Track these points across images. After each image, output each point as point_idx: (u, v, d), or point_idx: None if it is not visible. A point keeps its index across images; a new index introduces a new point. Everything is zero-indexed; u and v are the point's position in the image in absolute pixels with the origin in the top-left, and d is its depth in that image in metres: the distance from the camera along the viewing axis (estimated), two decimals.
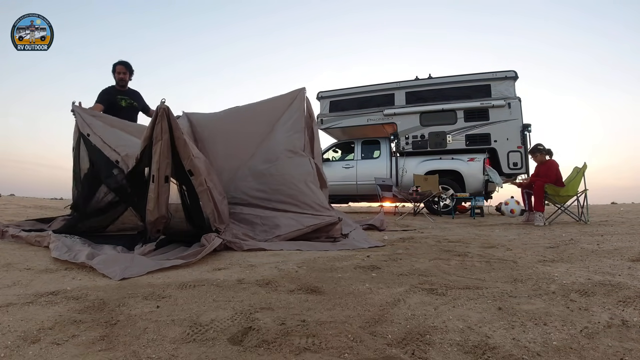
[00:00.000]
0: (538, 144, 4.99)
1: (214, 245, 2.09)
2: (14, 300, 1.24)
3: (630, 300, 1.21)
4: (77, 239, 2.30)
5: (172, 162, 2.27)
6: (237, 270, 1.76)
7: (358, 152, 7.85)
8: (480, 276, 1.61)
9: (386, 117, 7.63)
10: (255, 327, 0.98)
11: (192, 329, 0.97)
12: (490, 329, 0.98)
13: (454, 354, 0.84)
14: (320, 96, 8.24)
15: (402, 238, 3.11)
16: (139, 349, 0.85)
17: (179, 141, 2.24)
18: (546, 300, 1.24)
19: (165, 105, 2.21)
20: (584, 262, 1.92)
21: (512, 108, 6.96)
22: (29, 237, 2.41)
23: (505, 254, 2.20)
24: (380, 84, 7.93)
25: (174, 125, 2.22)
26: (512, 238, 3.11)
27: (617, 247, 2.46)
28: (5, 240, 2.55)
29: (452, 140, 7.28)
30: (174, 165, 2.28)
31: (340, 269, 1.77)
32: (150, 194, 2.19)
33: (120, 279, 1.55)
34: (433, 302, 1.22)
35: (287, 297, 1.28)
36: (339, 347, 0.86)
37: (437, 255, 2.16)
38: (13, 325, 1.00)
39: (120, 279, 1.55)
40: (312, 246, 2.48)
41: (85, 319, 1.05)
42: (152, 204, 2.20)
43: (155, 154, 2.20)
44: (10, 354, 0.83)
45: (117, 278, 1.55)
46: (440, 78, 7.58)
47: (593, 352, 0.84)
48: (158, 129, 2.19)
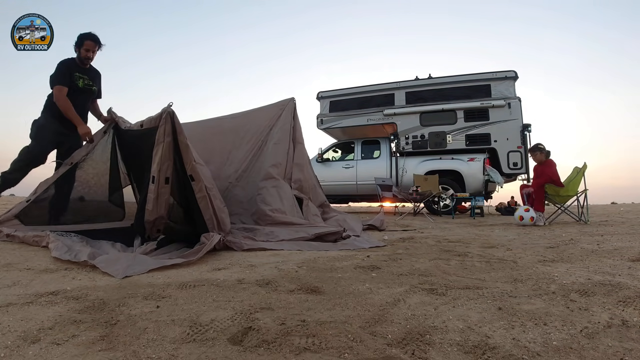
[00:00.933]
0: (538, 143, 4.98)
1: (213, 242, 2.10)
2: (14, 300, 1.24)
3: (630, 300, 1.21)
4: (76, 238, 2.30)
5: (174, 165, 2.29)
6: (237, 270, 1.76)
7: (358, 152, 7.86)
8: (480, 276, 1.61)
9: (386, 117, 7.63)
10: (255, 327, 0.98)
11: (192, 329, 0.97)
12: (490, 329, 0.98)
13: (454, 354, 0.84)
14: (320, 96, 8.24)
15: (402, 238, 3.11)
16: (139, 349, 0.85)
17: (182, 145, 2.26)
18: (546, 300, 1.24)
19: (170, 109, 2.25)
20: (584, 262, 1.92)
21: (512, 108, 6.97)
22: (26, 237, 2.41)
23: (505, 254, 2.20)
24: (380, 84, 7.93)
25: (178, 129, 2.25)
26: (512, 238, 3.11)
27: (617, 247, 2.46)
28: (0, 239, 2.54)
29: (452, 140, 7.28)
30: (175, 169, 2.30)
31: (340, 269, 1.77)
32: (150, 194, 2.20)
33: (122, 277, 1.56)
34: (433, 302, 1.22)
35: (287, 297, 1.28)
36: (339, 347, 0.86)
37: (437, 255, 2.16)
38: (13, 325, 1.00)
39: (123, 277, 1.57)
40: (312, 246, 2.48)
41: (85, 319, 1.05)
42: (152, 204, 2.20)
43: (156, 155, 2.21)
44: (10, 354, 0.83)
45: (120, 276, 1.57)
46: (440, 78, 7.58)
47: (593, 352, 0.84)
48: (161, 131, 2.23)
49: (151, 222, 2.24)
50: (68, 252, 1.95)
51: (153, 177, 2.21)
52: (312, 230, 2.80)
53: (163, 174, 2.22)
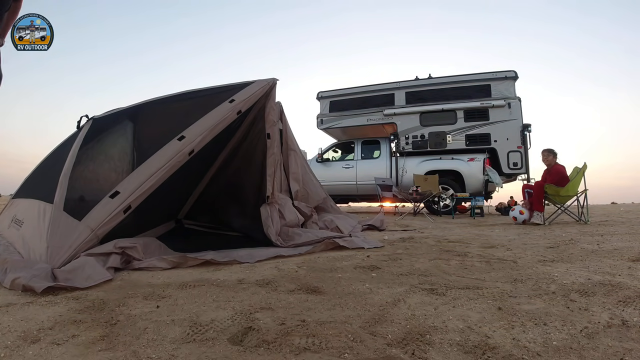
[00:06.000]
0: (551, 148, 5.01)
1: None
2: (14, 300, 1.24)
3: (630, 300, 1.21)
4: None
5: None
6: (237, 270, 1.76)
7: (358, 152, 7.86)
8: (480, 276, 1.61)
9: (386, 117, 7.63)
10: (255, 327, 0.98)
11: (192, 329, 0.97)
12: (490, 329, 0.98)
13: (454, 354, 0.84)
14: (320, 96, 8.24)
15: (402, 238, 3.11)
16: (139, 349, 0.85)
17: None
18: (546, 300, 1.24)
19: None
20: (584, 262, 1.92)
21: (512, 108, 6.97)
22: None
23: (505, 254, 2.20)
24: (380, 84, 7.93)
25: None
26: (512, 238, 3.11)
27: (617, 247, 2.46)
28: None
29: (452, 140, 7.28)
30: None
31: (340, 269, 1.77)
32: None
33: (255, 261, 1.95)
34: (433, 302, 1.22)
35: (287, 297, 1.28)
36: (339, 347, 0.86)
37: (437, 255, 2.16)
38: (13, 325, 1.00)
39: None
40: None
41: (85, 319, 1.05)
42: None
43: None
44: (10, 354, 0.83)
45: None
46: (440, 78, 7.58)
47: (593, 352, 0.84)
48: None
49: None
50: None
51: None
52: (323, 233, 2.82)
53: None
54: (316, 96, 8.33)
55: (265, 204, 2.78)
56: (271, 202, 2.82)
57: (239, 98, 2.55)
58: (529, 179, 6.82)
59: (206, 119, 2.36)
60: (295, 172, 3.59)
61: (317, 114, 8.32)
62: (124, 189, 1.96)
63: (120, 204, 1.90)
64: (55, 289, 1.35)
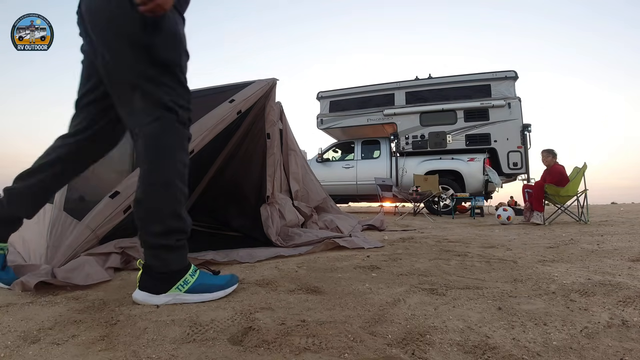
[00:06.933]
0: (551, 148, 5.10)
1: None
2: (14, 300, 1.23)
3: (630, 300, 1.21)
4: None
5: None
6: (237, 270, 1.76)
7: (358, 152, 7.86)
8: (480, 276, 1.61)
9: (386, 117, 7.64)
10: (255, 327, 0.98)
11: (192, 329, 0.97)
12: (490, 329, 0.98)
13: (454, 354, 0.84)
14: (320, 96, 8.24)
15: (402, 238, 3.11)
16: (139, 349, 0.85)
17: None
18: (546, 300, 1.24)
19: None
20: (584, 262, 1.92)
21: (512, 108, 6.98)
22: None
23: (505, 254, 2.20)
24: (380, 84, 7.94)
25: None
26: (512, 238, 3.11)
27: (617, 247, 2.46)
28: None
29: (452, 140, 7.29)
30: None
31: (340, 269, 1.77)
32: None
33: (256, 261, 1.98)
34: (433, 302, 1.22)
35: (287, 297, 1.28)
36: (339, 347, 0.86)
37: (437, 255, 2.16)
38: (13, 325, 1.00)
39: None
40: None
41: (85, 319, 1.05)
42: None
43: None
44: (10, 354, 0.83)
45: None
46: (440, 78, 7.59)
47: (593, 352, 0.84)
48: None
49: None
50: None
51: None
52: (322, 233, 2.81)
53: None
54: (316, 96, 8.33)
55: (265, 204, 2.78)
56: (271, 202, 2.82)
57: (239, 98, 2.55)
58: (529, 179, 6.83)
59: (206, 119, 2.35)
60: (295, 172, 3.59)
61: (317, 114, 8.33)
62: (124, 189, 1.96)
63: (120, 204, 1.90)
64: (55, 289, 1.35)
